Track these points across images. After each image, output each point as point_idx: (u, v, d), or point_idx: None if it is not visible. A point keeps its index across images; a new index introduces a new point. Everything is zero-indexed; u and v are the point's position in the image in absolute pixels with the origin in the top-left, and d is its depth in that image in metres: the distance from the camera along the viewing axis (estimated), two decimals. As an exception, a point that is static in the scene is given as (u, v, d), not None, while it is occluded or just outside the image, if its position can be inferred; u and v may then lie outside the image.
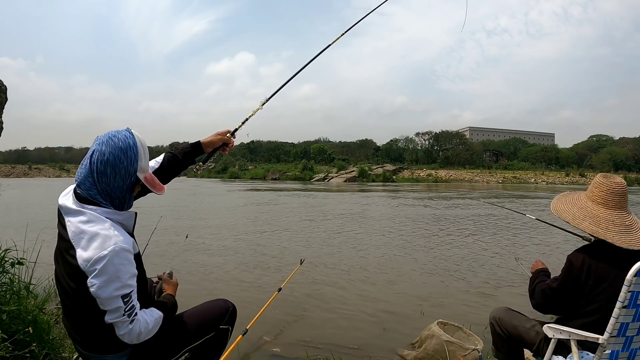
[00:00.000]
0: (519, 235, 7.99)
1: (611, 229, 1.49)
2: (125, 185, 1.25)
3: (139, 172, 1.26)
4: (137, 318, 1.24)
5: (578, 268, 1.48)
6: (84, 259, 1.15)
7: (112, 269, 1.15)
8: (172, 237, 7.15)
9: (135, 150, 1.25)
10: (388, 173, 50.48)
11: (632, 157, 60.79)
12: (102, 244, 1.15)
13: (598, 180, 1.59)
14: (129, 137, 1.25)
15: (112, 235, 1.17)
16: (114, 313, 1.18)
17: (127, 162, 1.23)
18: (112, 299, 1.16)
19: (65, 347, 2.08)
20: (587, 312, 1.46)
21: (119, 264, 1.16)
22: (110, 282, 1.15)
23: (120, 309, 1.18)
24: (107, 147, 1.21)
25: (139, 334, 1.25)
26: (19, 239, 2.94)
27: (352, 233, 8.09)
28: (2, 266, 2.22)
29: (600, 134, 79.89)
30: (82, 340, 1.31)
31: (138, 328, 1.24)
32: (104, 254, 1.14)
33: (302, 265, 3.69)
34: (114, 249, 1.15)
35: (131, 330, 1.22)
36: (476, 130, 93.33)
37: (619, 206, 1.53)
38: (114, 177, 1.22)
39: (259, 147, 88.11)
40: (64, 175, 61.71)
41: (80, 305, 1.23)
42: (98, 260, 1.13)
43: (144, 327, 1.26)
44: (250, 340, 2.68)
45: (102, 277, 1.14)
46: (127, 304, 1.19)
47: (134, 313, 1.22)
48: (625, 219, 1.50)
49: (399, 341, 2.83)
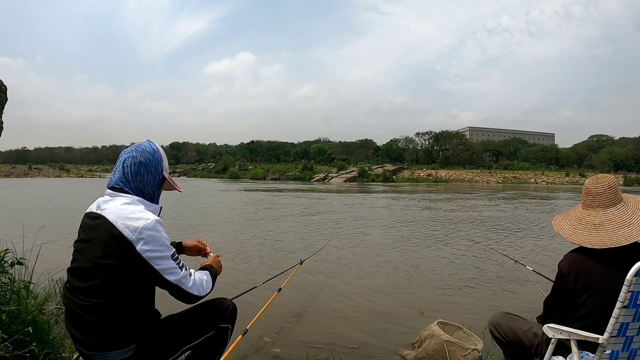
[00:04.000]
0: (520, 235, 7.99)
1: (579, 229, 1.51)
2: (156, 181, 1.48)
3: (164, 172, 1.51)
4: (193, 271, 1.46)
5: (566, 274, 1.49)
6: (130, 229, 1.30)
7: (158, 235, 1.34)
8: (172, 237, 7.15)
9: (159, 153, 1.51)
10: (388, 173, 50.49)
11: (632, 157, 60.80)
12: (143, 217, 1.34)
13: (585, 183, 1.62)
14: (152, 144, 1.52)
15: (148, 212, 1.38)
16: (172, 271, 1.36)
17: (156, 162, 1.48)
18: (165, 258, 1.35)
19: (65, 347, 2.08)
20: (582, 315, 1.47)
21: (161, 230, 1.36)
22: (159, 245, 1.33)
23: (175, 267, 1.37)
24: (137, 152, 1.46)
25: (202, 285, 1.46)
26: (18, 239, 2.94)
27: (352, 233, 8.09)
28: (2, 266, 2.22)
29: (600, 134, 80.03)
30: (85, 338, 1.32)
31: (199, 278, 1.46)
32: (149, 222, 1.32)
33: (302, 266, 3.69)
34: (155, 219, 1.35)
35: (194, 282, 1.42)
36: (476, 130, 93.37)
37: (593, 205, 1.53)
38: (147, 174, 1.45)
39: (259, 147, 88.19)
40: (64, 176, 61.67)
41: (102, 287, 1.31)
42: (144, 228, 1.31)
43: (203, 279, 1.48)
44: (250, 340, 2.68)
45: (152, 241, 1.32)
46: (177, 260, 1.39)
47: (188, 267, 1.44)
48: (597, 218, 1.50)
49: (399, 341, 2.83)
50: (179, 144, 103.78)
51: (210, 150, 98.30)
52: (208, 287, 1.50)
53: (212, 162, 79.25)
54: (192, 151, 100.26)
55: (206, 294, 1.48)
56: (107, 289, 1.30)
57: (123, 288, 1.32)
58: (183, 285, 1.38)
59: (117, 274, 1.30)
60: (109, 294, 1.30)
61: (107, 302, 1.30)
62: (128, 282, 1.32)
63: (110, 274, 1.30)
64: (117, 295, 1.31)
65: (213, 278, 1.59)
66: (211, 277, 1.57)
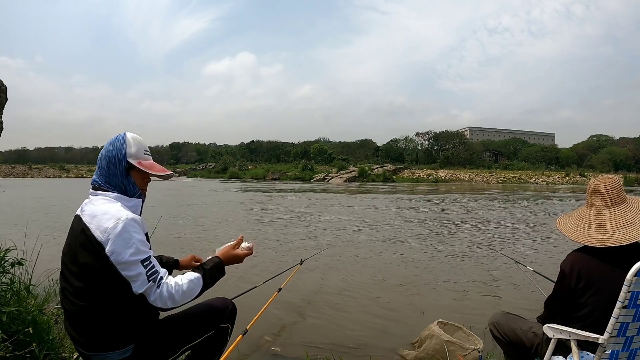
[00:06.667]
0: (520, 236, 7.99)
1: (581, 228, 1.52)
2: (119, 171, 1.39)
3: (129, 158, 1.40)
4: (165, 282, 1.31)
5: (568, 274, 1.49)
6: (100, 230, 1.26)
7: (127, 236, 1.25)
8: (172, 237, 7.15)
9: (123, 141, 1.41)
10: (388, 173, 50.49)
11: (632, 157, 60.78)
12: (115, 216, 1.27)
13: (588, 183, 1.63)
14: (120, 134, 1.44)
15: (123, 211, 1.31)
16: (138, 280, 1.26)
17: (116, 150, 1.39)
18: (132, 263, 1.25)
19: (65, 347, 2.08)
20: (583, 315, 1.47)
21: (132, 231, 1.27)
22: (127, 247, 1.24)
23: (142, 274, 1.26)
24: (105, 145, 1.43)
25: (171, 297, 1.30)
26: (18, 239, 2.94)
27: (352, 233, 8.09)
28: (2, 266, 2.22)
29: (600, 133, 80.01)
30: (83, 339, 1.32)
31: (167, 290, 1.30)
32: (117, 223, 1.25)
33: (302, 266, 3.69)
34: (127, 218, 1.27)
35: (160, 294, 1.28)
36: (476, 130, 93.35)
37: (596, 204, 1.54)
38: (109, 166, 1.39)
39: (259, 147, 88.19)
40: (64, 175, 61.70)
41: (90, 289, 1.28)
42: (113, 228, 1.24)
43: (175, 289, 1.32)
44: (250, 340, 2.68)
45: (118, 243, 1.24)
46: (148, 268, 1.27)
47: (159, 277, 1.30)
48: (599, 217, 1.50)
49: (399, 341, 2.83)
50: (179, 144, 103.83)
51: (210, 150, 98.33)
52: (183, 297, 1.33)
53: (212, 162, 79.29)
54: (192, 151, 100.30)
55: (177, 305, 1.33)
56: (96, 291, 1.28)
57: (112, 289, 1.29)
58: (147, 296, 1.28)
59: (101, 277, 1.27)
60: (99, 295, 1.29)
61: (99, 303, 1.29)
62: (111, 283, 1.28)
63: (93, 276, 1.27)
64: (109, 297, 1.29)
65: (205, 280, 1.43)
66: (202, 280, 1.41)
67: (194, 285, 1.38)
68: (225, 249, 1.62)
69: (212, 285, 1.48)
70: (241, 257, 1.63)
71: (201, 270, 1.45)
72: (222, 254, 1.58)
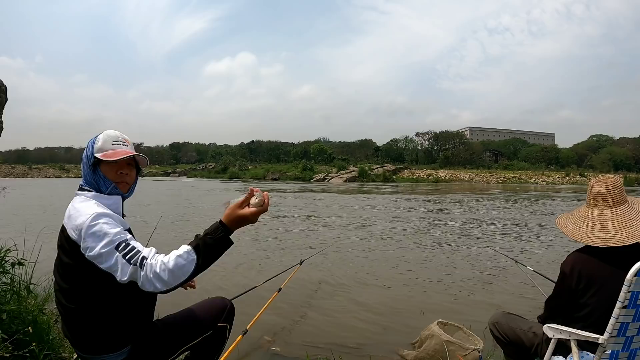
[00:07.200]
0: (520, 236, 7.99)
1: (582, 227, 1.51)
2: (88, 168, 1.37)
3: (96, 153, 1.36)
4: (148, 262, 1.17)
5: (568, 275, 1.50)
6: (73, 229, 1.24)
7: (97, 228, 1.20)
8: (172, 236, 7.16)
9: (94, 139, 1.39)
10: (388, 173, 50.49)
11: (632, 157, 60.79)
12: (85, 212, 1.24)
13: (590, 182, 1.62)
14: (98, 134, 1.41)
15: (93, 207, 1.27)
16: (117, 267, 1.17)
17: (87, 150, 1.39)
18: (107, 254, 1.18)
19: (65, 347, 2.08)
20: (584, 315, 1.47)
21: (103, 224, 1.21)
22: (98, 240, 1.19)
23: (119, 260, 1.17)
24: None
25: (158, 277, 1.15)
26: (19, 239, 2.94)
27: (351, 233, 8.09)
28: (3, 266, 2.22)
29: (600, 133, 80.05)
30: (79, 341, 1.32)
31: (151, 271, 1.15)
32: (87, 218, 1.22)
33: (301, 266, 3.69)
34: (95, 212, 1.23)
35: (146, 276, 1.15)
36: (476, 130, 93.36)
37: (597, 204, 1.54)
38: (82, 166, 1.40)
39: (259, 147, 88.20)
40: (64, 176, 61.73)
41: (76, 290, 1.27)
42: (82, 224, 1.21)
43: (161, 267, 1.16)
44: (250, 340, 2.68)
45: (90, 237, 1.19)
46: (125, 251, 1.18)
47: (141, 257, 1.17)
48: (599, 217, 1.50)
49: (399, 341, 2.83)
50: (179, 144, 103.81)
51: (210, 151, 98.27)
52: (173, 275, 1.16)
53: (212, 162, 79.26)
54: (192, 151, 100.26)
55: (169, 287, 1.18)
56: (81, 292, 1.27)
57: (97, 289, 1.26)
58: (137, 282, 1.17)
59: (82, 276, 1.25)
60: (85, 296, 1.27)
61: (87, 304, 1.27)
62: (98, 282, 1.23)
63: (75, 277, 1.26)
64: (95, 297, 1.27)
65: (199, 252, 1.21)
66: (195, 252, 1.20)
67: (182, 260, 1.18)
68: (230, 209, 1.29)
69: (212, 257, 1.24)
70: (250, 217, 1.28)
71: (194, 241, 1.24)
72: (226, 217, 1.28)
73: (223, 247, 1.27)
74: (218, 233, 1.25)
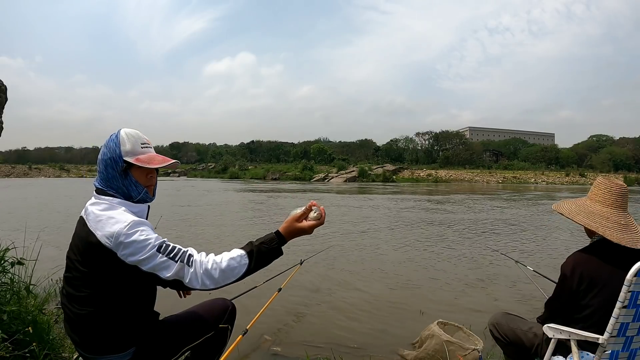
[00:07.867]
0: (521, 236, 7.98)
1: (604, 224, 1.49)
2: (117, 172, 1.32)
3: (126, 157, 1.32)
4: (197, 259, 1.23)
5: (569, 276, 1.49)
6: (107, 236, 1.21)
7: (137, 235, 1.21)
8: (172, 236, 7.15)
9: (116, 140, 1.33)
10: (388, 173, 50.44)
11: (632, 157, 60.79)
12: (122, 219, 1.23)
13: (598, 180, 1.61)
14: (114, 133, 1.36)
15: (127, 214, 1.26)
16: (161, 265, 1.21)
17: (111, 152, 1.32)
18: (151, 257, 1.20)
19: (65, 347, 2.08)
20: (585, 316, 1.47)
21: (142, 230, 1.23)
22: (140, 245, 1.20)
23: (162, 259, 1.21)
24: (101, 148, 1.37)
25: (208, 275, 1.22)
26: (18, 238, 2.94)
27: (352, 233, 8.09)
28: (2, 266, 2.22)
29: (600, 133, 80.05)
30: (84, 342, 1.32)
31: (202, 268, 1.22)
32: (125, 226, 1.21)
33: (301, 266, 3.69)
34: (134, 220, 1.23)
35: (195, 273, 1.21)
36: (476, 130, 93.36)
37: (615, 205, 1.53)
38: (105, 169, 1.33)
39: (259, 147, 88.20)
40: (64, 176, 61.66)
41: (98, 295, 1.26)
42: (121, 233, 1.20)
43: (213, 266, 1.23)
44: (250, 340, 2.68)
45: (131, 245, 1.20)
46: (167, 251, 1.22)
47: (188, 255, 1.24)
48: (621, 218, 1.50)
49: (399, 341, 2.83)
50: (179, 144, 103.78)
51: (210, 150, 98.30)
52: (223, 275, 1.23)
53: (212, 162, 79.23)
54: (192, 151, 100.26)
55: (218, 285, 1.24)
56: (100, 298, 1.27)
57: (117, 295, 1.28)
58: (182, 279, 1.22)
59: (107, 283, 1.26)
60: (103, 302, 1.27)
61: (102, 309, 1.27)
62: (120, 288, 1.27)
63: (100, 283, 1.26)
64: (112, 302, 1.28)
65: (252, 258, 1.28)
66: (248, 257, 1.28)
67: (235, 263, 1.25)
68: (288, 221, 1.38)
69: (262, 264, 1.31)
70: (308, 230, 1.37)
71: (248, 246, 1.31)
72: (284, 229, 1.37)
73: (274, 257, 1.35)
74: (273, 243, 1.34)
